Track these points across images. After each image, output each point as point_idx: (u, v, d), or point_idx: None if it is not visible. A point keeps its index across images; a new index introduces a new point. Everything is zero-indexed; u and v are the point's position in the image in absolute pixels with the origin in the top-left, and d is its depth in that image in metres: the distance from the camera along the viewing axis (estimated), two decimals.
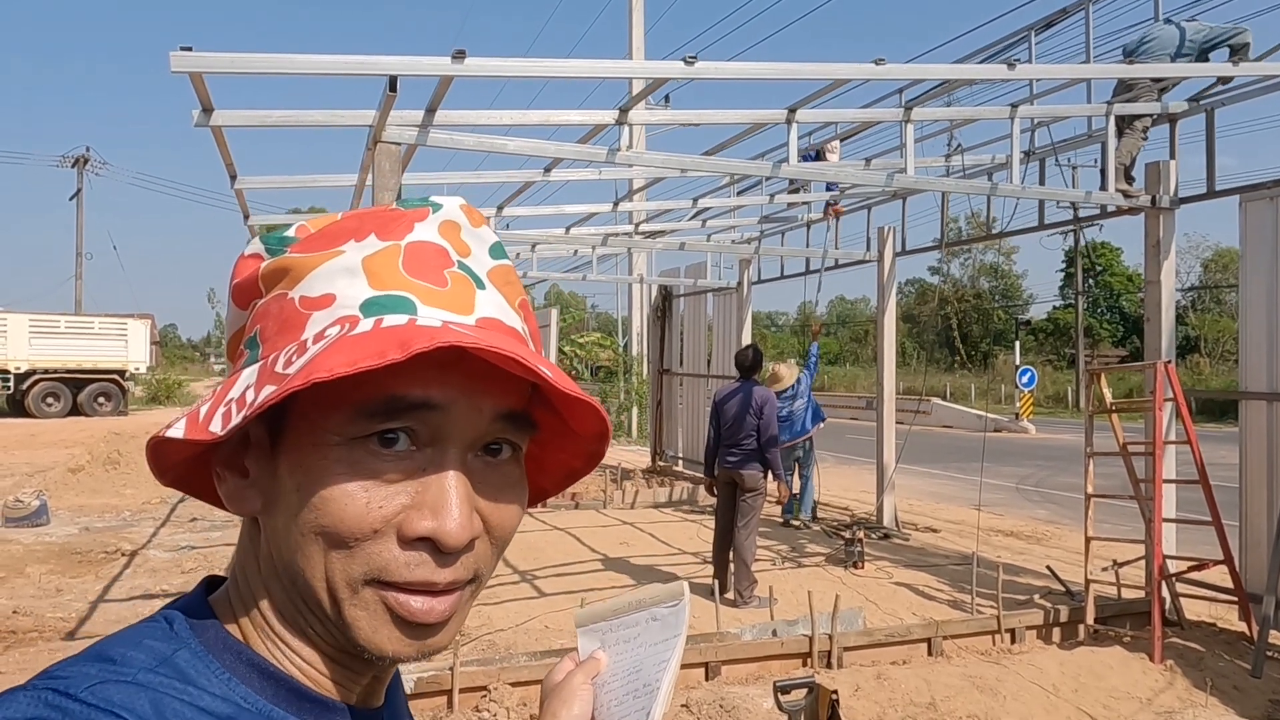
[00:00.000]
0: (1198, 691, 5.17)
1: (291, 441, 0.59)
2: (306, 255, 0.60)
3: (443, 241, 0.62)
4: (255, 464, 0.61)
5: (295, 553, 0.58)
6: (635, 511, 11.21)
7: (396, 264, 0.59)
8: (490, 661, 5.12)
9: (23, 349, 24.93)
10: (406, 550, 0.57)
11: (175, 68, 4.17)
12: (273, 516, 0.60)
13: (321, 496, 0.56)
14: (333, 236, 0.61)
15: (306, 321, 0.58)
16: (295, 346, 0.57)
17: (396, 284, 0.59)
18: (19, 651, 5.82)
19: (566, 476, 0.74)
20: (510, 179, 8.07)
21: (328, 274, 0.59)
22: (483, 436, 0.60)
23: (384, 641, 0.58)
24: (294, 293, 0.60)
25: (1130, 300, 49.11)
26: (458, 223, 0.63)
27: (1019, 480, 15.58)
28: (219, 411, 0.57)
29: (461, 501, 0.58)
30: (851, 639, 5.63)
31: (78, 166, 40.83)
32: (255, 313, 0.62)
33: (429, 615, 0.58)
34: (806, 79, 5.56)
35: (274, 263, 0.61)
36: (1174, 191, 6.74)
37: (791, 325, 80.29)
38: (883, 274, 10.16)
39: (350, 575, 0.57)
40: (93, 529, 9.94)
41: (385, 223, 0.61)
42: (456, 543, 0.57)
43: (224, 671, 0.57)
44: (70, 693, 0.50)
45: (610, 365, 28.12)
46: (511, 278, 0.66)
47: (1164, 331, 6.62)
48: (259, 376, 0.57)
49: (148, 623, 0.60)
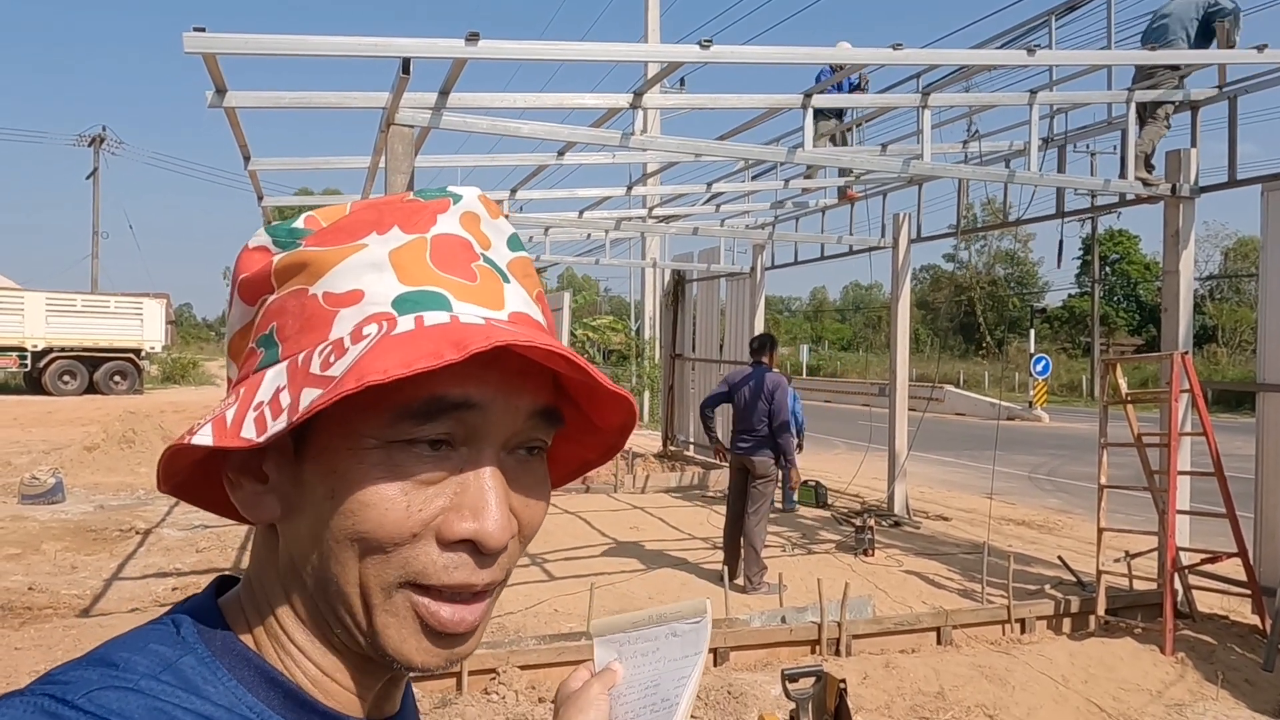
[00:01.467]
0: (1209, 684, 5.14)
1: (321, 445, 0.56)
2: (326, 249, 0.58)
3: (466, 234, 0.61)
4: (276, 469, 0.59)
5: (327, 559, 0.56)
6: (646, 496, 11.23)
7: (424, 258, 0.58)
8: (499, 644, 5.14)
9: (40, 327, 25.12)
10: (446, 553, 0.56)
11: (189, 48, 4.16)
12: (295, 523, 0.58)
13: (359, 501, 0.55)
14: (351, 229, 0.59)
15: (334, 319, 0.56)
16: (330, 346, 0.55)
17: (427, 279, 0.57)
18: (35, 628, 5.88)
19: (579, 468, 0.73)
20: (523, 162, 8.04)
21: (352, 269, 0.57)
22: (517, 435, 0.59)
23: (411, 651, 0.57)
24: (315, 288, 0.58)
25: (1147, 289, 48.74)
26: (477, 214, 0.62)
27: (1032, 469, 15.52)
28: (249, 416, 0.54)
29: (501, 502, 0.57)
30: (860, 627, 5.63)
31: (94, 146, 41.00)
32: (267, 309, 0.59)
33: (458, 625, 0.57)
34: (823, 63, 5.50)
35: (288, 256, 0.59)
36: (1194, 180, 6.66)
37: (804, 311, 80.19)
38: (897, 260, 10.10)
39: (385, 580, 0.56)
40: (107, 507, 10.03)
41: (408, 215, 0.60)
42: (498, 544, 0.56)
43: (230, 679, 0.56)
44: (68, 699, 0.49)
45: (622, 349, 28.12)
46: (529, 270, 0.64)
47: (1181, 321, 6.55)
48: (291, 378, 0.55)
49: (154, 626, 0.58)
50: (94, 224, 40.84)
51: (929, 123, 6.31)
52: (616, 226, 10.75)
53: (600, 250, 12.79)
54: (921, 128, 6.32)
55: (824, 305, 79.40)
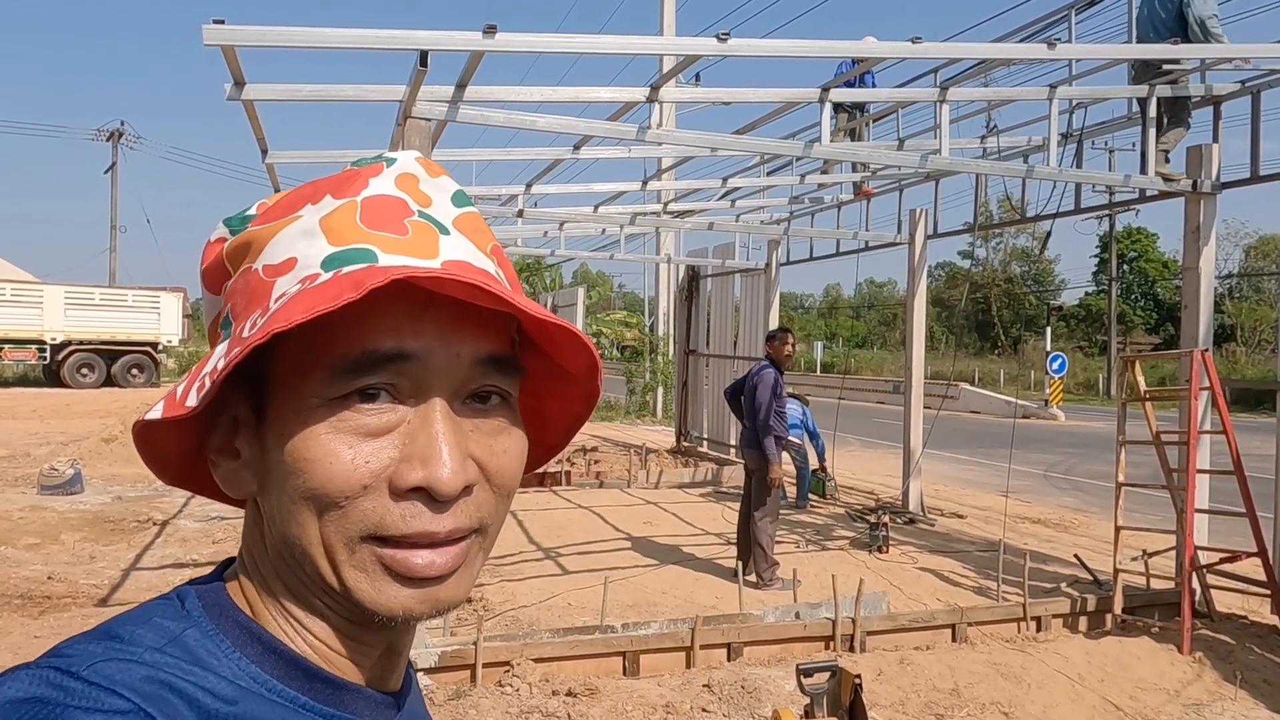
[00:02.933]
0: (1226, 684, 5.10)
1: (275, 413, 0.58)
2: (265, 225, 0.60)
3: (400, 193, 0.61)
4: (245, 444, 0.60)
5: (289, 522, 0.57)
6: (659, 491, 11.22)
7: (354, 219, 0.59)
8: (514, 637, 5.15)
9: (58, 320, 25.31)
10: (400, 502, 0.56)
11: (208, 40, 4.18)
12: (268, 494, 0.59)
13: (306, 459, 0.55)
14: (290, 205, 0.61)
15: (272, 288, 0.58)
16: (260, 312, 0.57)
17: (356, 238, 0.58)
18: (54, 616, 5.94)
19: (572, 423, 0.73)
20: (539, 156, 8.04)
21: (287, 239, 0.59)
22: (466, 383, 0.59)
23: (390, 600, 0.57)
24: (257, 264, 0.60)
25: (1165, 287, 48.34)
26: (415, 175, 0.63)
27: (1047, 467, 15.43)
28: (194, 387, 0.56)
29: (451, 448, 0.56)
30: (875, 623, 5.61)
31: (112, 140, 41.25)
32: (226, 293, 0.62)
33: (431, 569, 0.56)
34: (840, 57, 5.47)
35: (236, 239, 0.61)
36: (1216, 176, 6.59)
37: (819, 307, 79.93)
38: (913, 257, 10.05)
39: (346, 534, 0.56)
40: (125, 498, 10.11)
41: (340, 183, 0.61)
42: (450, 489, 0.55)
43: (234, 650, 0.56)
44: (72, 671, 0.50)
45: (636, 345, 28.11)
46: (479, 225, 0.64)
47: (1201, 318, 6.49)
48: (229, 347, 0.57)
49: (160, 600, 0.59)
50: (112, 218, 41.12)
51: (947, 117, 6.27)
52: (631, 221, 10.73)
53: (615, 245, 12.78)
54: (939, 122, 6.28)
55: (838, 302, 79.14)
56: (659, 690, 4.76)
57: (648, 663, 5.18)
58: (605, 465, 12.96)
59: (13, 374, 28.26)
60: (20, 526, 8.41)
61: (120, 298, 27.39)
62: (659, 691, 4.74)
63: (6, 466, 11.98)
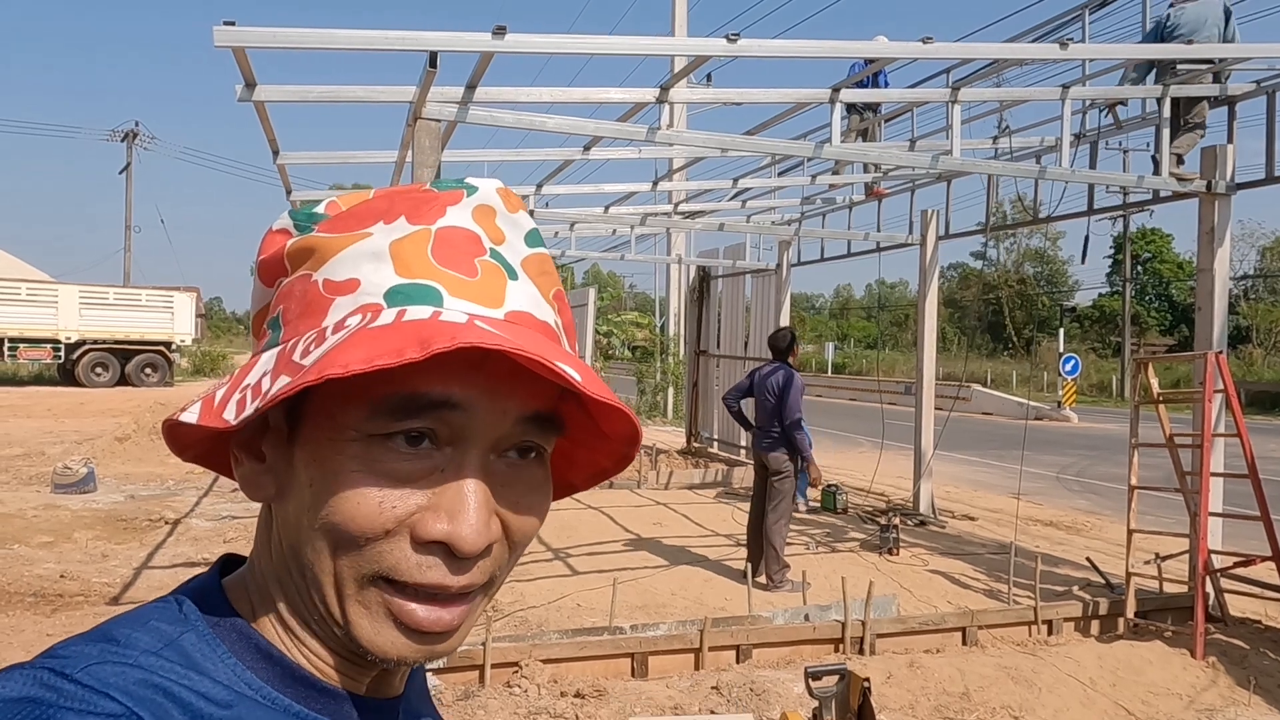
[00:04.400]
0: (1240, 689, 5.06)
1: (309, 433, 0.57)
2: (333, 236, 0.58)
3: (476, 227, 0.59)
4: (272, 450, 0.59)
5: (304, 545, 0.56)
6: (669, 492, 11.22)
7: (425, 250, 0.57)
8: (522, 638, 5.15)
9: (73, 320, 25.49)
10: (419, 553, 0.55)
11: (219, 42, 4.20)
12: (285, 505, 0.58)
13: (334, 493, 0.55)
14: (362, 217, 0.59)
15: (330, 307, 0.56)
16: (315, 334, 0.55)
17: (423, 272, 0.56)
18: (65, 614, 5.97)
19: (594, 475, 0.72)
20: (549, 157, 8.05)
21: (353, 257, 0.57)
22: (506, 439, 0.58)
23: (386, 644, 0.56)
24: (318, 275, 0.58)
25: (1179, 288, 48.03)
26: (493, 207, 0.61)
27: (1060, 469, 15.34)
28: (234, 398, 0.55)
29: (480, 506, 0.55)
30: (885, 626, 5.59)
31: (127, 141, 41.54)
32: (280, 291, 0.60)
33: (434, 625, 0.56)
34: (851, 57, 5.45)
35: (300, 241, 0.59)
36: (1230, 176, 6.54)
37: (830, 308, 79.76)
38: (925, 257, 10.01)
39: (359, 571, 0.55)
40: (138, 497, 10.17)
41: (416, 204, 0.59)
42: (472, 549, 0.55)
43: (230, 656, 0.56)
44: (66, 673, 0.50)
45: (647, 345, 28.11)
46: (547, 267, 0.63)
47: (1216, 320, 6.45)
48: (276, 363, 0.55)
49: (158, 603, 0.59)
50: (126, 218, 41.41)
51: (959, 118, 6.24)
52: (642, 222, 10.73)
53: (626, 246, 12.78)
54: (951, 123, 6.25)
55: (850, 303, 78.97)
56: (667, 692, 4.75)
57: (656, 664, 5.18)
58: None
59: (28, 373, 28.48)
60: (34, 525, 8.46)
61: (134, 297, 27.57)
62: (667, 693, 4.73)
63: (21, 465, 12.07)
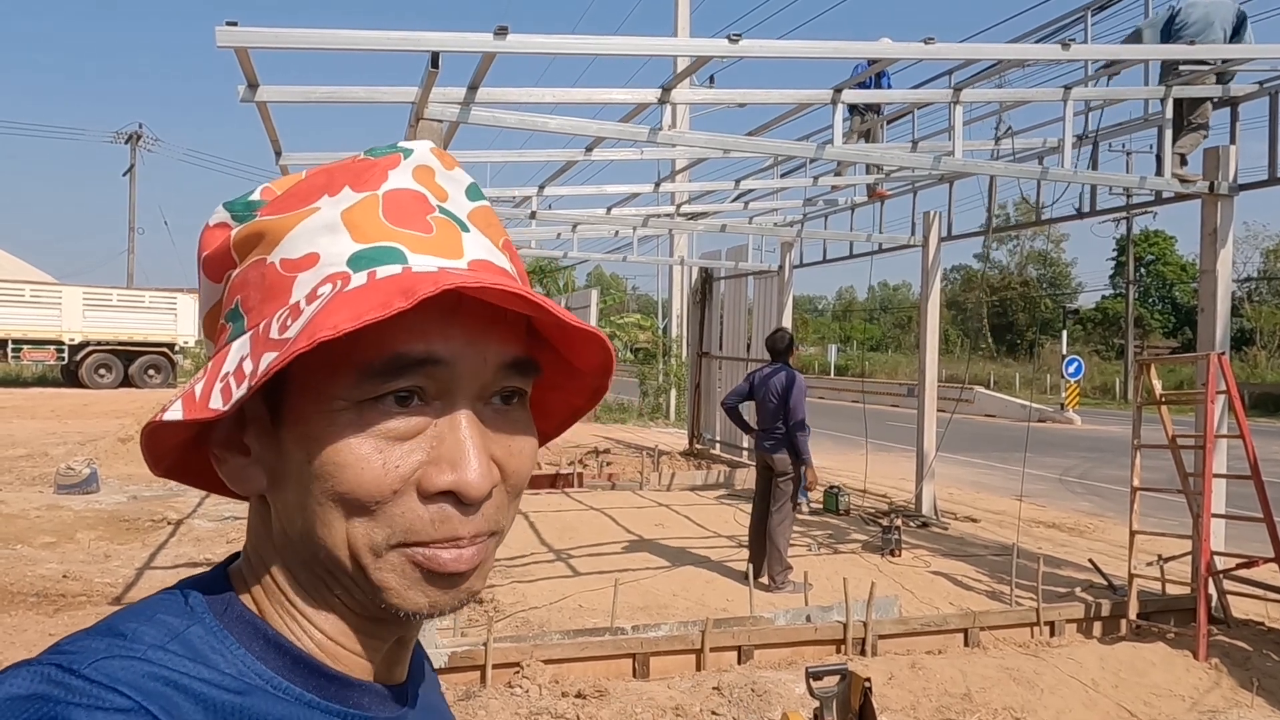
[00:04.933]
0: (1243, 691, 5.05)
1: (295, 413, 0.57)
2: (280, 216, 0.59)
3: (419, 187, 0.60)
4: (256, 440, 0.59)
5: (313, 523, 0.56)
6: (671, 493, 11.21)
7: (377, 214, 0.58)
8: (523, 638, 5.15)
9: (77, 321, 25.56)
10: (429, 505, 0.56)
11: (221, 42, 4.20)
12: (281, 492, 0.59)
13: (336, 463, 0.55)
14: (304, 195, 0.59)
15: (292, 284, 0.57)
16: (287, 310, 0.55)
17: (381, 234, 0.57)
18: (68, 614, 5.98)
19: (569, 416, 0.72)
20: (552, 158, 8.05)
21: (307, 233, 0.57)
22: (489, 385, 0.59)
23: (419, 598, 0.57)
24: (272, 257, 0.58)
25: (1183, 290, 47.96)
26: (431, 167, 0.62)
27: (1063, 471, 15.32)
28: (217, 388, 0.55)
29: (479, 451, 0.57)
30: (886, 627, 5.58)
31: (131, 142, 41.60)
32: (232, 283, 0.60)
33: (459, 563, 0.57)
34: (853, 58, 5.45)
35: (245, 229, 0.59)
36: (1233, 178, 6.53)
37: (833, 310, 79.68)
38: (927, 259, 10.00)
39: (374, 540, 0.56)
40: (140, 497, 10.18)
41: (357, 174, 0.60)
42: (479, 493, 0.56)
43: (238, 646, 0.56)
44: (74, 668, 0.49)
45: (649, 347, 28.11)
46: (492, 219, 0.64)
47: (1218, 322, 6.44)
48: (252, 346, 0.55)
49: (164, 596, 0.59)
50: (130, 219, 41.46)
51: (960, 119, 6.23)
52: (644, 223, 10.73)
53: (628, 247, 12.79)
54: (953, 124, 6.25)
55: (853, 305, 78.92)
56: (669, 692, 4.75)
57: (658, 665, 5.17)
58: (617, 467, 12.96)
59: (32, 374, 28.53)
60: (37, 525, 8.48)
61: (137, 299, 27.63)
62: (669, 694, 4.73)
63: (24, 466, 12.09)
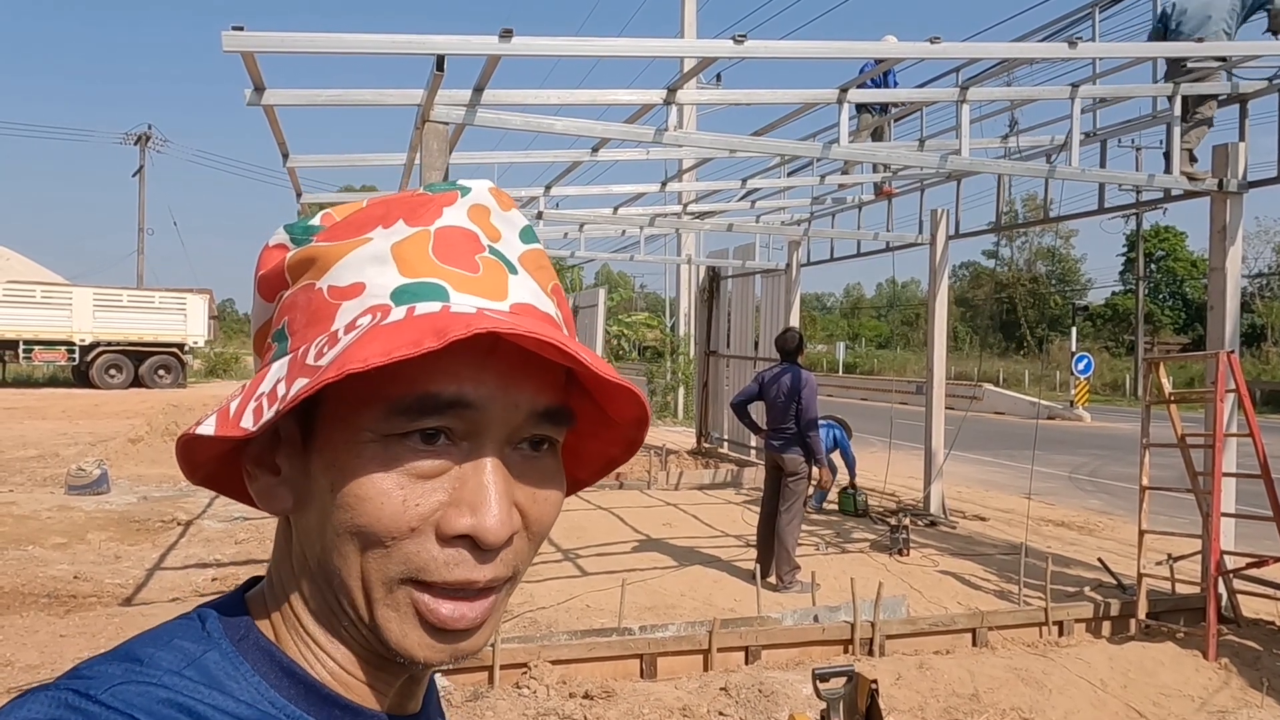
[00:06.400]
0: (1253, 691, 5.03)
1: (324, 439, 0.57)
2: (333, 244, 0.59)
3: (473, 226, 0.60)
4: (287, 461, 0.60)
5: (330, 552, 0.57)
6: (679, 493, 11.21)
7: (426, 250, 0.58)
8: (531, 639, 5.16)
9: (87, 322, 25.68)
10: (445, 548, 0.55)
11: (227, 47, 4.22)
12: (305, 515, 0.59)
13: (357, 495, 0.55)
14: (360, 224, 0.60)
15: (336, 312, 0.57)
16: (326, 338, 0.56)
17: (427, 270, 0.57)
18: (79, 615, 6.01)
19: (604, 466, 0.72)
20: (558, 159, 8.05)
21: (356, 262, 0.58)
22: (519, 431, 0.59)
23: (413, 646, 0.57)
24: (321, 283, 0.59)
25: (1194, 286, 47.73)
26: (487, 206, 0.62)
27: (1072, 469, 15.27)
28: (250, 407, 0.55)
29: (501, 497, 0.56)
30: (894, 627, 5.57)
31: (140, 144, 41.78)
32: (282, 305, 0.61)
33: (458, 622, 0.56)
34: (859, 58, 5.45)
35: (300, 252, 0.60)
36: (1242, 175, 6.50)
37: (841, 308, 79.57)
38: (935, 257, 9.97)
39: (387, 575, 0.56)
40: (150, 498, 10.23)
41: (413, 208, 0.60)
42: (497, 539, 0.55)
43: (254, 674, 0.56)
44: (90, 694, 0.50)
45: (657, 345, 28.12)
46: (543, 262, 0.64)
47: (1228, 319, 6.41)
48: (289, 369, 0.56)
49: (181, 620, 0.59)
50: (140, 220, 41.68)
51: (968, 117, 6.22)
52: (651, 223, 10.74)
53: (635, 247, 12.78)
54: (960, 122, 6.23)
55: (861, 302, 78.80)
56: (676, 693, 4.75)
57: (665, 665, 5.18)
58: (625, 466, 12.93)
59: (43, 375, 28.69)
60: (48, 526, 8.53)
61: (147, 299, 27.74)
62: (676, 694, 4.73)
63: (36, 467, 12.16)
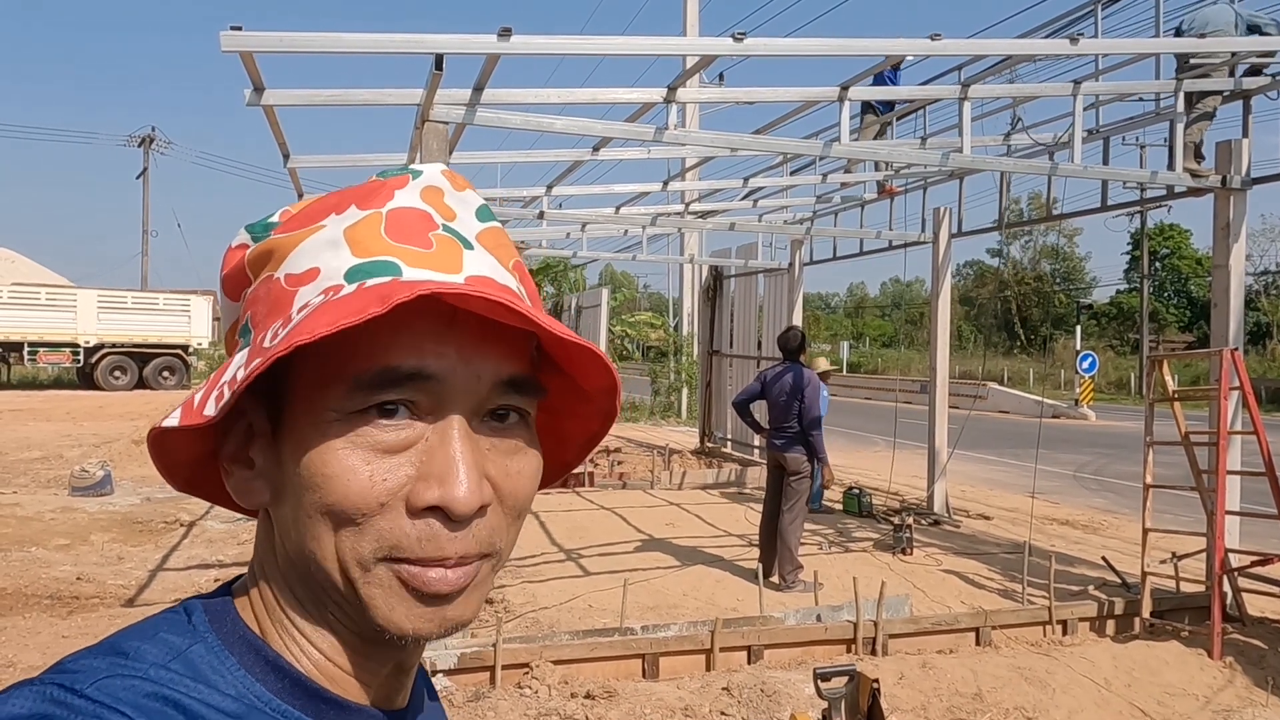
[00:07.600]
0: (1258, 690, 5.01)
1: (291, 425, 0.57)
2: (289, 234, 0.60)
3: (425, 206, 0.60)
4: (260, 454, 0.60)
5: (305, 536, 0.56)
6: (682, 492, 11.21)
7: (378, 231, 0.58)
8: (533, 639, 5.15)
9: (92, 324, 25.74)
10: (416, 521, 0.55)
11: (226, 47, 4.21)
12: (281, 505, 0.59)
13: (324, 474, 0.55)
14: (314, 214, 0.60)
15: (293, 298, 0.57)
16: (281, 322, 0.56)
17: (380, 250, 0.57)
18: (82, 616, 6.02)
19: (587, 442, 0.72)
20: (559, 158, 8.05)
21: (311, 249, 0.58)
22: (485, 403, 0.58)
23: (402, 619, 0.56)
24: (279, 273, 0.59)
25: (1199, 284, 47.62)
26: (440, 187, 0.62)
27: (1077, 468, 15.23)
28: (212, 396, 0.55)
29: (470, 467, 0.56)
30: (897, 626, 5.56)
31: (144, 146, 41.87)
32: (246, 300, 0.61)
33: (443, 584, 0.56)
34: (860, 55, 5.43)
35: (258, 247, 0.61)
36: (1246, 171, 6.47)
37: (845, 307, 79.50)
38: (937, 256, 9.95)
39: (361, 554, 0.55)
40: (154, 499, 10.24)
41: (365, 194, 0.60)
42: (466, 509, 0.55)
43: (239, 668, 0.56)
44: (76, 688, 0.50)
45: (660, 345, 28.11)
46: (503, 240, 0.63)
47: (1231, 317, 6.38)
48: (249, 356, 0.56)
49: (167, 614, 0.59)
50: (144, 222, 41.74)
51: (969, 115, 6.20)
52: (653, 222, 10.72)
53: (638, 246, 12.77)
54: (962, 120, 6.21)
55: (864, 301, 78.75)
56: (678, 693, 4.74)
57: (667, 665, 5.17)
58: (628, 466, 12.95)
59: (48, 377, 28.76)
60: (51, 527, 8.54)
61: (151, 301, 27.80)
62: (678, 694, 4.72)
63: (40, 468, 12.19)
